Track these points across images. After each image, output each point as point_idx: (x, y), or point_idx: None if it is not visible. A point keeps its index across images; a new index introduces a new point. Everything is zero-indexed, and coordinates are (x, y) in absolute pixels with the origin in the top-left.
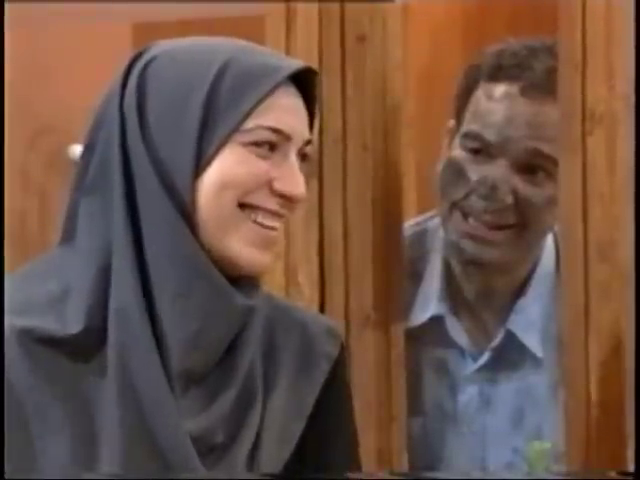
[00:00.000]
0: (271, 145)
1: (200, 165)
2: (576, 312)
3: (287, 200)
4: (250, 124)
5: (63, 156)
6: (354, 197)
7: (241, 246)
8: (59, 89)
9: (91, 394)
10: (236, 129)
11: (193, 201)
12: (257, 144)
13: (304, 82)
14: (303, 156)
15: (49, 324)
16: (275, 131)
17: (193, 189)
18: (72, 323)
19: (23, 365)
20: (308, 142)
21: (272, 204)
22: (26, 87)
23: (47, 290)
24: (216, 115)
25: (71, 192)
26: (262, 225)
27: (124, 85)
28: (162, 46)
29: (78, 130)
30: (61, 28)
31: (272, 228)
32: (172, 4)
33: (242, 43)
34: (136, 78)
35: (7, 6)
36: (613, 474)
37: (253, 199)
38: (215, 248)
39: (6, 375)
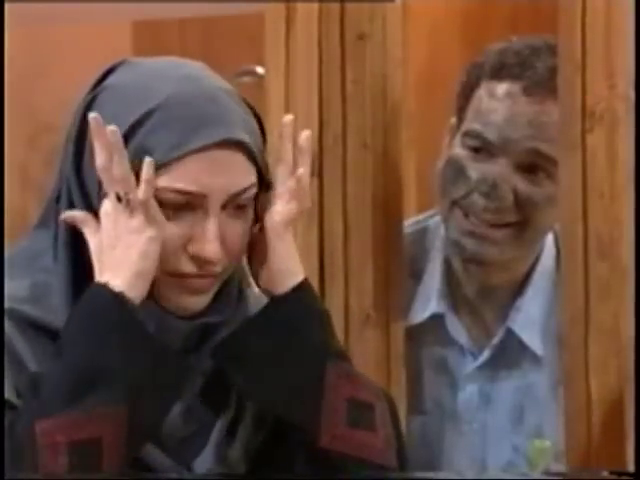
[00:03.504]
0: (188, 203)
1: None
2: (576, 310)
3: (202, 262)
4: (158, 184)
5: None
6: (354, 195)
7: (173, 296)
8: (59, 87)
9: None
10: None
11: None
12: (165, 205)
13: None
14: (238, 206)
15: (37, 312)
16: (184, 193)
17: None
18: (57, 315)
19: (17, 337)
20: (241, 192)
21: (191, 267)
22: (26, 85)
23: (27, 284)
24: None
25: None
26: (190, 279)
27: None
28: (120, 73)
29: None
30: (61, 26)
31: (203, 277)
32: (172, 2)
33: (182, 88)
34: (84, 109)
35: (7, 5)
36: (605, 474)
37: (170, 266)
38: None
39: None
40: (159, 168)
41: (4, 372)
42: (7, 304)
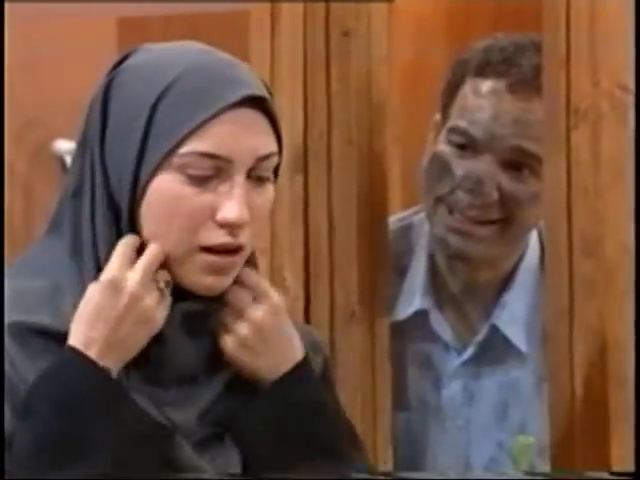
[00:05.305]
0: (215, 169)
1: (138, 186)
2: (561, 307)
3: (231, 227)
4: (184, 149)
5: (48, 150)
6: (339, 192)
7: (195, 275)
8: (45, 83)
9: None
10: (170, 154)
11: (136, 222)
12: (192, 171)
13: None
14: (260, 178)
15: (41, 318)
16: (211, 156)
17: (136, 208)
18: (68, 319)
19: (18, 355)
20: (266, 157)
21: (220, 237)
22: (12, 81)
23: (36, 286)
24: (153, 138)
25: (64, 184)
26: (216, 256)
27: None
28: (136, 55)
29: (63, 124)
30: (46, 23)
31: (229, 253)
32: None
33: (200, 58)
34: (103, 94)
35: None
36: (605, 475)
37: (200, 239)
38: (169, 272)
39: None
40: (186, 137)
41: (4, 373)
42: (15, 317)
